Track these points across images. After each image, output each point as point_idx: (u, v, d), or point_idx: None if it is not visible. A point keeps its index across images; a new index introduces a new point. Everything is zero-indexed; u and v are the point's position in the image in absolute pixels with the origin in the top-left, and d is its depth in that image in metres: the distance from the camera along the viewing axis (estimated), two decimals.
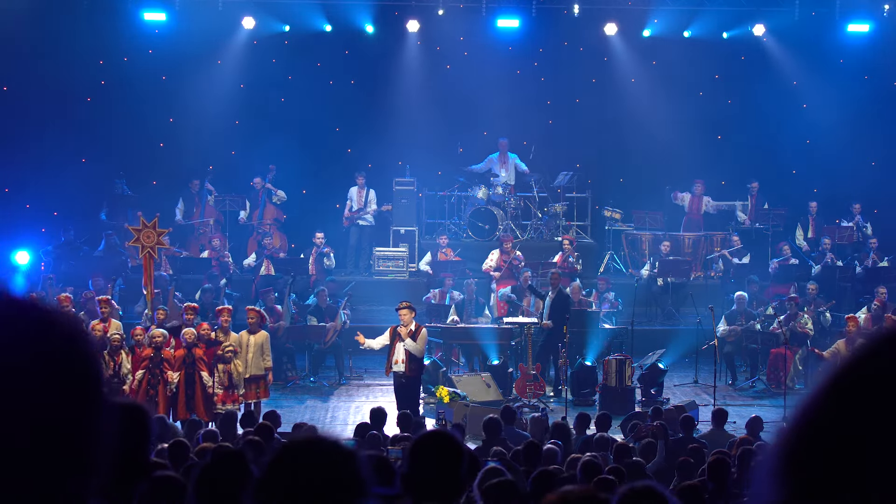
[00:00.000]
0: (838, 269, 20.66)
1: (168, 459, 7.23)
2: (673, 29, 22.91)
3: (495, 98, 22.68)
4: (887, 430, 1.21)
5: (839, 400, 1.26)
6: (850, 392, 1.25)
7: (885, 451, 1.20)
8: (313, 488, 2.42)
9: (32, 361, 1.34)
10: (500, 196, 22.13)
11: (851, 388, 1.25)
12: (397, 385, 14.90)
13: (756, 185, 22.37)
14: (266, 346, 15.08)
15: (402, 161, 22.46)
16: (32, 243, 20.02)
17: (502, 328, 17.48)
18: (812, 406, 1.28)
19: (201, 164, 22.38)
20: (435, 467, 3.93)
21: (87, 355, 1.40)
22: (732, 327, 18.13)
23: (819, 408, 1.27)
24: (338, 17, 22.63)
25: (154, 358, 14.18)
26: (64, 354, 1.37)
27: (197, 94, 22.03)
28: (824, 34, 22.58)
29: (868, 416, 1.22)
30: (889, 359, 1.26)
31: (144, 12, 22.05)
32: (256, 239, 21.41)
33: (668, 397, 16.62)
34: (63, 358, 1.37)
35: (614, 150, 22.88)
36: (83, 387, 1.38)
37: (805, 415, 1.28)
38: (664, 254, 20.96)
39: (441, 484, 3.93)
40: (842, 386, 1.27)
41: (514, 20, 22.82)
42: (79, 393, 1.37)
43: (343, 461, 2.44)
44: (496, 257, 20.41)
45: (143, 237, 15.63)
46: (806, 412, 1.28)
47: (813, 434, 1.26)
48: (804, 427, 1.27)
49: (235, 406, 14.30)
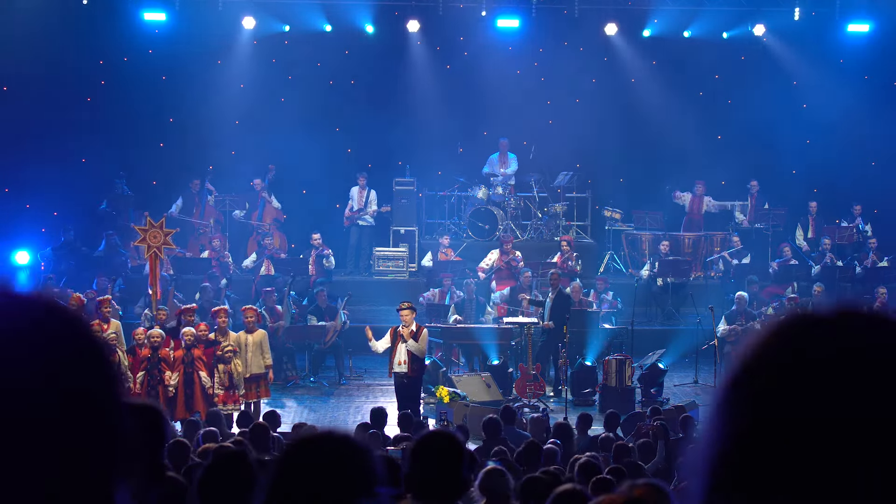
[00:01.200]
0: (838, 270, 20.66)
1: (168, 460, 7.23)
2: (673, 29, 22.91)
3: (495, 98, 22.69)
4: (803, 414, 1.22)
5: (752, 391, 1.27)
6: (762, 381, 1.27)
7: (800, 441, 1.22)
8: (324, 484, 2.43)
9: (54, 360, 1.34)
10: (500, 196, 22.13)
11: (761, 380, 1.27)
12: (399, 385, 14.88)
13: (756, 185, 22.36)
14: (265, 344, 15.08)
15: (402, 161, 22.46)
16: (32, 243, 20.03)
17: (502, 328, 17.48)
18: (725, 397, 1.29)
19: (201, 164, 22.38)
20: (436, 467, 3.94)
21: (104, 352, 1.40)
22: (732, 327, 18.13)
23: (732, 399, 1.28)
24: (338, 17, 22.63)
25: (151, 358, 14.19)
26: (83, 352, 1.38)
27: (197, 94, 22.03)
28: (824, 34, 22.58)
29: (781, 402, 1.24)
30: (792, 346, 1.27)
31: (144, 12, 22.05)
32: (256, 239, 21.41)
33: (668, 397, 16.62)
34: (82, 356, 1.37)
35: (614, 150, 22.87)
36: (105, 386, 1.38)
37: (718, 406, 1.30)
38: (663, 254, 20.96)
39: (442, 484, 3.94)
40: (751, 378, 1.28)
41: (514, 20, 22.82)
42: (102, 393, 1.37)
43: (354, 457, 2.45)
44: (495, 257, 20.42)
45: (150, 237, 15.63)
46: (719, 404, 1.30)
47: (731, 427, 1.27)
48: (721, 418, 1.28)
49: (236, 406, 14.31)
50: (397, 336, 14.85)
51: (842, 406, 1.21)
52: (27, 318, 1.36)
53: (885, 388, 1.22)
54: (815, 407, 1.22)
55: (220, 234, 21.57)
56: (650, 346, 17.52)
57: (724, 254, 21.54)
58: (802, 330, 1.28)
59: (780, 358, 1.26)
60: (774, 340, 1.29)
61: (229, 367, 14.46)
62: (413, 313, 14.98)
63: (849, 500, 1.20)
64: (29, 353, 1.33)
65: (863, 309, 1.29)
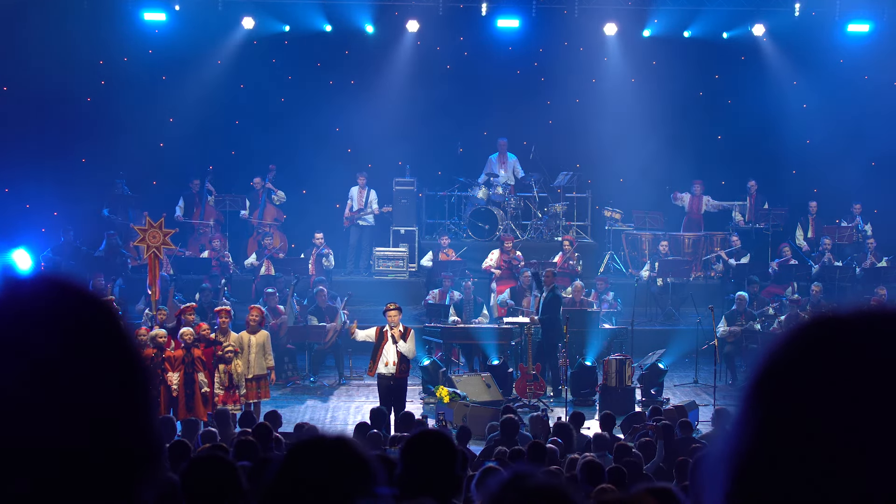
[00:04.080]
0: (838, 270, 20.66)
1: (171, 460, 7.24)
2: (673, 29, 22.91)
3: (495, 98, 22.70)
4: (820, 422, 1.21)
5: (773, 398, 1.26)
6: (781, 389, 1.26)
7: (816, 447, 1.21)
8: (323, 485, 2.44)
9: (87, 348, 1.34)
10: (500, 196, 22.12)
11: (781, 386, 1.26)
12: (384, 387, 14.59)
13: (755, 185, 22.36)
14: (267, 345, 15.07)
15: (402, 161, 22.46)
16: (32, 243, 20.01)
17: (502, 328, 17.47)
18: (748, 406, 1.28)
19: (201, 164, 22.38)
20: (428, 466, 3.94)
21: (131, 338, 1.41)
22: (732, 327, 18.13)
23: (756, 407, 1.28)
24: (338, 17, 22.63)
25: (155, 358, 14.18)
26: (113, 339, 1.38)
27: (197, 94, 22.02)
28: (824, 34, 22.57)
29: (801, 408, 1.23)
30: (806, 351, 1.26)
31: (144, 12, 22.05)
32: (256, 239, 21.41)
33: (668, 397, 16.62)
34: (112, 342, 1.37)
35: (614, 150, 22.86)
36: (136, 375, 1.38)
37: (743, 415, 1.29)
38: (662, 254, 20.96)
39: (435, 482, 3.94)
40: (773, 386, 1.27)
41: (514, 20, 22.82)
42: (138, 379, 1.38)
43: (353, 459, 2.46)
44: (496, 256, 20.43)
45: (149, 237, 15.63)
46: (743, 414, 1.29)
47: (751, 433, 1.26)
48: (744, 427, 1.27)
49: (237, 406, 14.30)
50: (384, 336, 14.71)
51: (866, 410, 1.19)
52: (57, 301, 1.36)
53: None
54: (839, 411, 1.20)
55: (220, 234, 21.57)
56: (650, 346, 17.52)
57: (722, 253, 21.52)
58: (826, 332, 1.26)
59: (804, 361, 1.25)
60: (798, 343, 1.27)
61: (229, 368, 14.45)
62: (400, 314, 14.89)
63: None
64: (59, 333, 1.33)
65: (886, 310, 1.27)
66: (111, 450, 1.32)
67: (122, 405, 1.35)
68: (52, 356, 1.31)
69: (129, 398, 1.36)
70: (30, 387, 1.30)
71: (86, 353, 1.33)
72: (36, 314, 1.34)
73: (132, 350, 1.39)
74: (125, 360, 1.37)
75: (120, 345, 1.38)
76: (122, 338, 1.38)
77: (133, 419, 1.35)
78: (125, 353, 1.38)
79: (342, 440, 2.52)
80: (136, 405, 1.36)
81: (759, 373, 1.28)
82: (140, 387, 1.38)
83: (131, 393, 1.36)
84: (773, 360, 1.27)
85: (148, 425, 1.37)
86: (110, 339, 1.37)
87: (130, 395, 1.36)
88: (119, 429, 1.33)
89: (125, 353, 1.37)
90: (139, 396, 1.37)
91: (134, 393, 1.37)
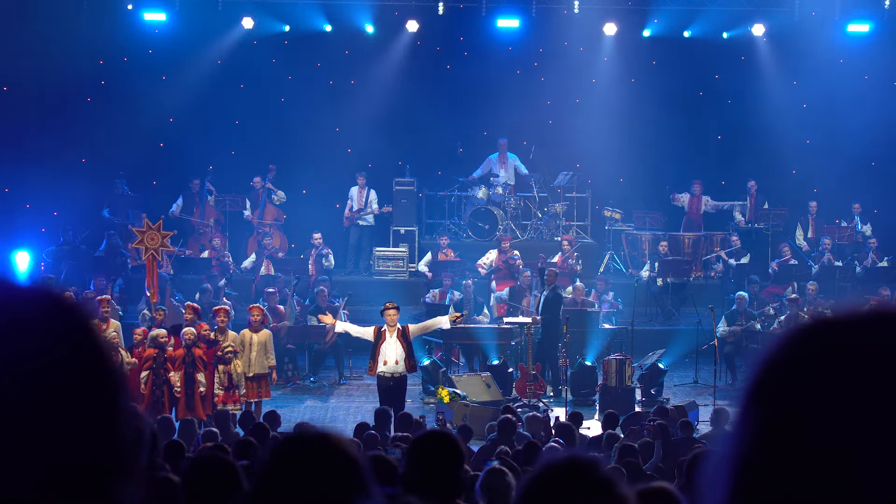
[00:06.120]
0: (838, 270, 20.66)
1: (167, 460, 7.23)
2: (673, 29, 22.90)
3: (495, 98, 22.68)
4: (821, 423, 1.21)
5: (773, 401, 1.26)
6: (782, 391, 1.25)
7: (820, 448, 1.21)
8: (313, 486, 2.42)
9: (65, 355, 1.33)
10: (500, 196, 22.12)
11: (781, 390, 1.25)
12: (384, 387, 14.48)
13: (755, 185, 22.35)
14: (269, 344, 15.07)
15: (402, 161, 22.46)
16: (32, 243, 20.01)
17: (502, 328, 17.47)
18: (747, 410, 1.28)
19: (201, 164, 22.37)
20: (433, 466, 3.94)
21: (105, 347, 1.39)
22: (732, 327, 18.12)
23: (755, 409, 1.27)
24: (338, 17, 22.63)
25: (157, 358, 14.19)
26: (87, 347, 1.36)
27: (197, 94, 22.02)
28: (824, 34, 22.56)
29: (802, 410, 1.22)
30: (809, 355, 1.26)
31: (144, 12, 22.05)
32: (256, 239, 21.42)
33: (668, 397, 16.61)
34: (86, 351, 1.36)
35: (614, 150, 22.85)
36: (111, 382, 1.37)
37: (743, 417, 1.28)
38: (662, 254, 20.96)
39: (440, 483, 3.94)
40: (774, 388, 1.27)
41: (514, 20, 22.82)
42: (108, 388, 1.36)
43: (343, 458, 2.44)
44: (493, 256, 20.43)
45: (148, 239, 15.62)
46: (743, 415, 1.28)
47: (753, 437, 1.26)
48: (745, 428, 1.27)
49: (237, 406, 14.30)
50: (382, 336, 14.64)
51: (868, 411, 1.19)
52: (31, 310, 1.35)
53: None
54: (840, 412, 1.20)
55: (220, 234, 21.57)
56: (650, 346, 17.51)
57: (721, 252, 21.53)
58: (826, 333, 1.26)
59: (804, 362, 1.24)
60: (798, 344, 1.27)
61: (229, 368, 14.45)
62: (398, 313, 14.85)
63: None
64: (34, 344, 1.32)
65: (886, 310, 1.27)
66: (77, 464, 1.30)
67: (89, 417, 1.32)
68: (14, 366, 1.30)
69: (96, 409, 1.33)
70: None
71: (51, 362, 1.31)
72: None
73: (101, 359, 1.36)
74: (93, 371, 1.35)
75: (88, 354, 1.35)
76: (92, 347, 1.36)
77: (100, 431, 1.33)
78: (93, 363, 1.35)
79: (326, 437, 2.49)
80: (104, 416, 1.34)
81: (758, 373, 1.27)
82: (109, 396, 1.35)
83: (99, 403, 1.34)
84: (772, 361, 1.27)
85: (117, 437, 1.35)
86: (78, 347, 1.34)
87: (98, 405, 1.34)
88: (86, 442, 1.32)
89: (92, 364, 1.35)
90: (108, 406, 1.35)
91: (102, 403, 1.34)
